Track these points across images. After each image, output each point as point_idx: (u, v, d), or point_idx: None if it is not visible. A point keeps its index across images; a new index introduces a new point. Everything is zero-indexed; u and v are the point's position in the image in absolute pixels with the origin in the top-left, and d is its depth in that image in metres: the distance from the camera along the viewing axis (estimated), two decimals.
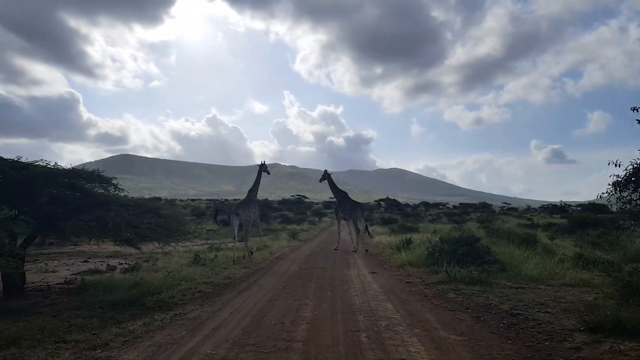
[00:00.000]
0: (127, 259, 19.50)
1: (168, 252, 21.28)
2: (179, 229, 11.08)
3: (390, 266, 13.87)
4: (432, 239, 14.39)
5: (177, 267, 14.21)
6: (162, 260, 17.33)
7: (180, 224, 11.18)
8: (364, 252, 18.61)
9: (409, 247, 16.48)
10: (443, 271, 11.16)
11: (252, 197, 16.80)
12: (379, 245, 21.14)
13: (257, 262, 15.18)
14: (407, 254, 14.70)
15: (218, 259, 15.70)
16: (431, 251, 13.33)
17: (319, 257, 16.38)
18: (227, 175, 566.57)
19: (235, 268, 13.59)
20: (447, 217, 59.15)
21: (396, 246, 16.84)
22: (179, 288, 10.14)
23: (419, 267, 12.61)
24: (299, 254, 17.80)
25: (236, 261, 15.09)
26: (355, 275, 11.79)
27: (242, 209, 16.33)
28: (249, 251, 16.40)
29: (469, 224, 35.97)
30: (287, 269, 13.07)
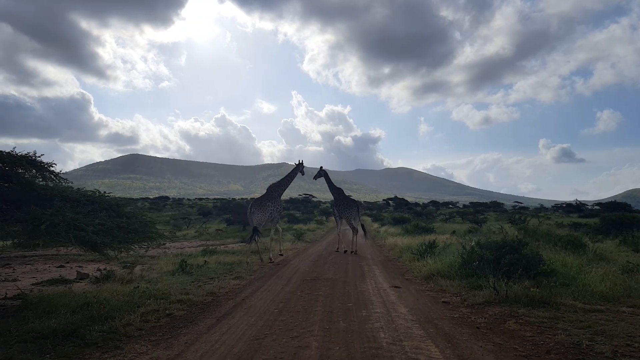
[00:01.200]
0: (111, 263, 17.13)
1: (157, 255, 19.00)
2: (144, 231, 8.61)
3: (415, 277, 11.29)
4: (466, 243, 11.80)
5: (156, 277, 11.85)
6: (146, 266, 15.01)
7: (144, 226, 8.69)
8: (351, 253, 17.08)
9: (433, 251, 13.90)
10: (489, 286, 8.61)
11: (272, 193, 15.78)
12: (395, 248, 18.58)
13: (253, 269, 12.69)
14: (434, 261, 12.12)
15: (208, 265, 13.27)
16: (466, 259, 10.73)
17: (327, 263, 13.85)
18: (235, 175, 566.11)
19: (226, 279, 11.11)
20: (461, 216, 56.37)
21: (417, 250, 14.26)
22: (143, 309, 7.72)
23: (452, 280, 10.03)
24: (304, 260, 15.30)
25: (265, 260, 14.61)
26: (373, 290, 9.21)
27: (256, 206, 15.30)
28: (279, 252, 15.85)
29: (489, 224, 33.19)
30: (288, 280, 10.53)
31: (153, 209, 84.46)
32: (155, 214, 70.61)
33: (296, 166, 17.34)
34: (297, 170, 17.27)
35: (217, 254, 17.02)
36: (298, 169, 17.27)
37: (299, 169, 17.26)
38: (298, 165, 17.32)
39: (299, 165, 17.35)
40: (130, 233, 8.14)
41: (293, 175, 17.08)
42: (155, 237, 9.05)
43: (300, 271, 12.15)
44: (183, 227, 46.24)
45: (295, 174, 17.22)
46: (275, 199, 15.70)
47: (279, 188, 16.25)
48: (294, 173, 17.19)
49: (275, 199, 15.70)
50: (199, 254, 17.32)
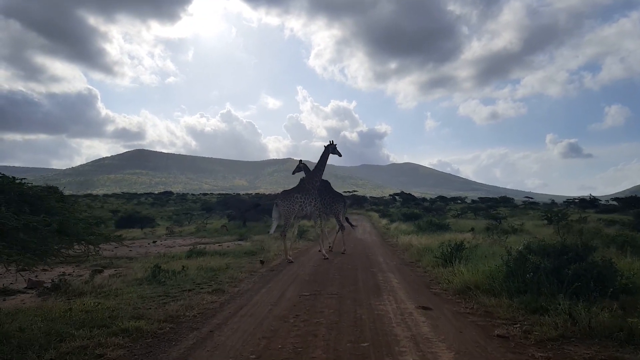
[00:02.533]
0: (81, 266, 14.92)
1: (137, 256, 16.65)
2: (75, 232, 6.17)
3: (445, 290, 8.76)
4: (512, 248, 9.21)
5: (119, 287, 9.52)
6: (120, 270, 12.72)
7: (79, 227, 6.25)
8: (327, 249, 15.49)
9: (461, 255, 11.37)
10: (558, 310, 6.12)
11: (303, 184, 14.36)
12: (410, 249, 16.08)
13: (240, 278, 10.22)
14: (467, 268, 9.57)
15: (187, 271, 10.86)
16: (513, 268, 8.21)
17: (332, 268, 11.36)
18: (241, 170, 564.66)
19: (202, 292, 8.68)
20: (473, 211, 53.67)
21: (441, 253, 11.72)
22: (66, 346, 5.34)
23: (498, 297, 7.50)
24: (305, 263, 12.84)
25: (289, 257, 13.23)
26: (395, 314, 6.65)
27: (282, 198, 13.86)
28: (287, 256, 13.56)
29: (510, 220, 30.54)
30: (280, 295, 8.04)
31: (156, 204, 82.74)
32: (158, 209, 68.86)
33: (326, 149, 15.16)
34: (328, 153, 15.14)
35: (204, 256, 14.65)
36: (329, 152, 15.12)
37: (329, 151, 15.12)
38: (328, 147, 15.16)
39: (329, 146, 15.17)
40: (50, 236, 5.70)
41: (324, 161, 15.03)
42: (94, 240, 6.62)
43: (298, 280, 9.68)
44: (184, 223, 44.10)
45: (327, 158, 15.12)
46: (307, 192, 14.12)
47: (311, 179, 14.59)
48: (325, 157, 15.07)
49: (307, 192, 14.12)
50: (184, 255, 14.96)
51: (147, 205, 79.72)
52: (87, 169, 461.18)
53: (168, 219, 48.77)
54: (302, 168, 17.16)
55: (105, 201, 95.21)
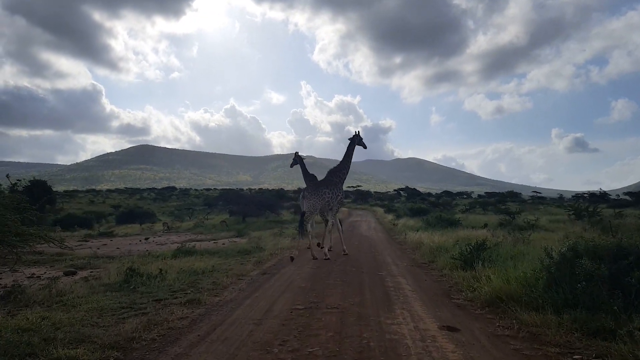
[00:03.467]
0: (56, 266, 13.56)
1: (119, 256, 15.18)
2: None
3: (470, 302, 7.16)
4: (552, 250, 7.59)
5: (84, 294, 8.12)
6: (95, 272, 11.32)
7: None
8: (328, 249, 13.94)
9: (484, 256, 9.79)
10: (629, 332, 4.57)
11: (332, 178, 13.66)
12: (421, 247, 14.52)
13: (224, 284, 8.67)
14: (495, 273, 7.97)
15: (165, 275, 9.36)
16: (556, 275, 6.64)
17: (333, 272, 9.78)
18: (245, 166, 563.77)
19: (175, 303, 7.17)
20: (482, 206, 51.96)
21: (460, 255, 10.12)
22: None
23: (541, 312, 5.93)
24: (303, 264, 11.29)
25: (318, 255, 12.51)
26: (414, 342, 4.99)
27: (309, 191, 13.22)
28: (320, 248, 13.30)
29: (523, 215, 28.83)
30: (267, 310, 6.45)
31: (159, 200, 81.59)
32: (160, 205, 67.59)
33: (351, 140, 14.36)
34: (355, 145, 14.43)
35: (192, 256, 13.17)
36: (355, 143, 14.38)
37: (355, 142, 14.37)
38: (353, 138, 14.36)
39: (355, 137, 14.36)
40: None
41: (351, 153, 14.33)
42: (17, 242, 5.11)
43: (292, 287, 8.13)
44: (185, 218, 42.78)
45: (353, 150, 14.42)
46: (334, 185, 13.47)
47: (338, 172, 13.91)
48: (352, 149, 14.35)
49: (334, 185, 13.47)
50: (170, 254, 13.48)
51: (150, 201, 78.65)
52: (91, 164, 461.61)
53: (170, 214, 47.53)
54: (297, 161, 16.80)
55: (107, 196, 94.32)
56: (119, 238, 24.89)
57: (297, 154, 16.99)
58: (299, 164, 16.91)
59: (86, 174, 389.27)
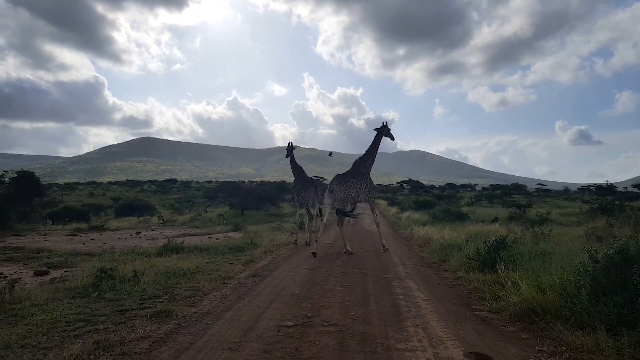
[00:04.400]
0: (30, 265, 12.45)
1: (101, 253, 14.03)
2: None
3: (497, 314, 5.90)
4: (596, 252, 6.32)
5: (43, 300, 6.99)
6: (68, 273, 10.22)
7: None
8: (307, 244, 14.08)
9: (505, 256, 8.56)
10: None
11: (359, 168, 12.90)
12: (429, 243, 13.33)
13: (205, 289, 7.44)
14: (523, 278, 6.73)
15: (142, 277, 8.17)
16: (605, 284, 5.41)
17: (332, 275, 8.52)
18: (247, 158, 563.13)
19: (142, 315, 5.98)
20: (488, 199, 50.68)
21: (477, 254, 8.87)
22: None
23: (590, 331, 4.71)
24: (298, 264, 10.05)
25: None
26: None
27: (338, 182, 12.42)
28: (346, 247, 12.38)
29: (533, 209, 27.53)
30: (249, 329, 5.17)
31: (159, 192, 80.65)
32: (160, 197, 66.53)
33: (379, 131, 13.59)
34: (382, 136, 13.61)
35: (179, 253, 12.03)
36: (382, 133, 13.56)
37: (382, 132, 13.57)
38: (381, 129, 13.59)
39: (383, 128, 13.59)
40: None
41: (377, 143, 13.55)
42: None
43: (284, 294, 6.90)
44: (185, 211, 41.73)
45: (380, 140, 13.59)
46: (362, 176, 12.73)
47: (365, 161, 13.16)
48: (379, 140, 13.54)
49: (362, 176, 12.73)
50: (156, 251, 12.32)
51: (150, 193, 77.78)
52: (94, 156, 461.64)
53: (170, 206, 46.51)
54: (289, 151, 16.40)
55: (107, 189, 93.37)
56: (110, 232, 23.74)
57: (290, 144, 16.47)
58: (290, 155, 16.46)
59: (88, 167, 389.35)
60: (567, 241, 12.04)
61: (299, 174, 15.88)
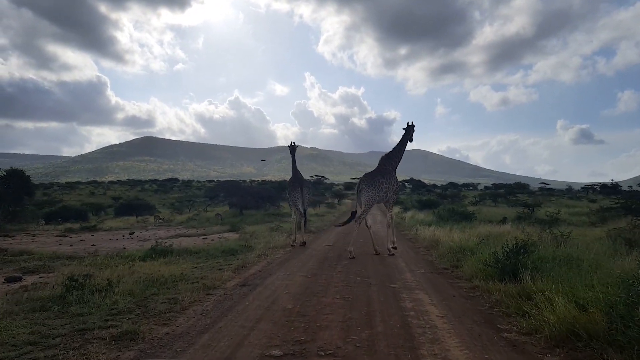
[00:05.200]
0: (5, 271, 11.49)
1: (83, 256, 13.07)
2: None
3: (529, 337, 4.88)
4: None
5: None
6: (44, 279, 9.33)
7: None
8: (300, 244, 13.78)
9: (527, 262, 7.55)
10: None
11: (386, 166, 12.48)
12: (437, 246, 12.33)
13: (184, 303, 6.44)
14: (555, 292, 5.72)
15: (114, 288, 7.19)
16: None
17: (331, 286, 7.45)
18: (249, 157, 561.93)
19: (95, 341, 4.99)
20: (492, 198, 49.55)
21: (495, 261, 7.85)
22: None
23: None
24: (294, 270, 9.05)
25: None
26: None
27: (366, 183, 11.97)
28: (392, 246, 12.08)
29: (543, 208, 26.48)
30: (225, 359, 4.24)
31: (160, 191, 79.78)
32: (161, 197, 65.64)
33: (406, 130, 13.15)
34: (409, 135, 13.19)
35: (166, 257, 11.05)
36: (409, 133, 13.14)
37: (410, 132, 13.15)
38: (409, 128, 13.14)
39: (410, 127, 13.15)
40: None
41: (405, 142, 13.17)
42: None
43: (274, 310, 5.91)
44: (185, 210, 40.86)
45: (407, 139, 13.20)
46: (389, 174, 12.32)
47: (392, 159, 12.76)
48: (406, 138, 13.15)
49: (389, 174, 12.32)
50: (142, 254, 11.35)
51: (151, 192, 76.97)
52: (96, 156, 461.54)
53: (170, 206, 45.68)
54: (292, 150, 16.16)
55: (108, 188, 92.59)
56: (102, 233, 22.80)
57: (292, 144, 16.20)
58: (291, 154, 16.29)
59: (91, 166, 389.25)
60: (588, 244, 11.04)
61: (293, 174, 15.70)
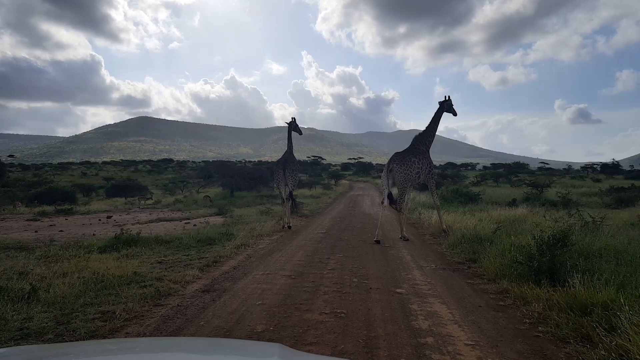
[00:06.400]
0: None
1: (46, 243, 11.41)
2: None
3: None
4: None
5: None
6: None
7: None
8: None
9: (571, 257, 5.95)
10: None
11: (419, 146, 11.86)
12: (446, 232, 10.73)
13: (117, 323, 4.78)
14: (625, 303, 4.13)
15: (38, 295, 5.55)
16: None
17: (320, 292, 5.72)
18: (245, 138, 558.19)
19: None
20: (494, 178, 47.97)
21: (528, 257, 6.21)
22: None
23: None
24: (273, 272, 7.40)
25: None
26: None
27: (397, 162, 11.21)
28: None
29: (553, 189, 24.92)
30: None
31: (154, 172, 77.93)
32: (154, 177, 63.86)
33: (440, 105, 12.48)
34: (443, 110, 12.49)
35: (131, 247, 9.44)
36: (444, 108, 12.43)
37: (444, 107, 12.43)
38: (443, 103, 12.41)
39: (445, 102, 12.37)
40: None
41: (438, 119, 12.47)
42: None
43: (237, 333, 4.28)
44: (177, 191, 39.26)
45: (441, 115, 12.50)
46: (423, 155, 11.65)
47: (425, 138, 12.09)
48: (440, 114, 12.45)
49: (423, 155, 11.65)
50: (102, 244, 9.70)
51: (144, 173, 75.18)
52: (89, 136, 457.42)
53: (163, 187, 44.08)
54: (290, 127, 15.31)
55: (101, 169, 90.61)
56: (79, 216, 21.09)
57: (292, 119, 15.44)
58: (288, 130, 15.36)
59: (86, 146, 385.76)
60: (620, 230, 9.45)
61: (286, 152, 14.90)
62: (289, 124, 15.27)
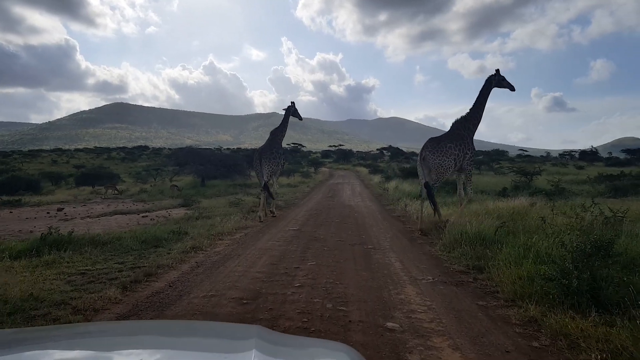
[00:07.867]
0: None
1: None
2: None
3: None
4: None
5: None
6: None
7: None
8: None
9: (611, 271, 4.43)
10: None
11: (459, 131, 10.64)
12: (437, 228, 9.17)
13: None
14: None
15: None
16: None
17: (279, 327, 4.11)
18: (225, 125, 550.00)
19: None
20: (476, 166, 47.01)
21: (562, 273, 4.65)
22: None
23: None
24: (219, 294, 5.69)
25: None
26: None
27: (431, 150, 10.21)
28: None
29: (543, 177, 23.75)
30: None
31: (127, 160, 74.76)
32: (127, 165, 60.99)
33: (487, 80, 11.10)
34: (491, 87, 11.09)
35: (58, 251, 7.61)
36: (492, 84, 11.04)
37: (492, 83, 11.03)
38: (491, 78, 11.05)
39: (493, 76, 10.99)
40: None
41: (486, 97, 11.10)
42: None
43: None
44: (150, 180, 36.97)
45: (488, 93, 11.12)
46: (463, 140, 10.57)
47: (468, 122, 10.94)
48: (486, 92, 11.08)
49: (463, 140, 10.57)
50: (23, 247, 7.83)
51: (118, 161, 72.09)
52: (64, 123, 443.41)
53: (136, 175, 41.74)
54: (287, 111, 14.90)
55: (72, 156, 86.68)
56: (28, 208, 18.93)
57: (292, 104, 15.09)
58: (285, 115, 14.97)
59: (60, 133, 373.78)
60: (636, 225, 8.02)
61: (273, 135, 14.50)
62: (287, 109, 14.81)
